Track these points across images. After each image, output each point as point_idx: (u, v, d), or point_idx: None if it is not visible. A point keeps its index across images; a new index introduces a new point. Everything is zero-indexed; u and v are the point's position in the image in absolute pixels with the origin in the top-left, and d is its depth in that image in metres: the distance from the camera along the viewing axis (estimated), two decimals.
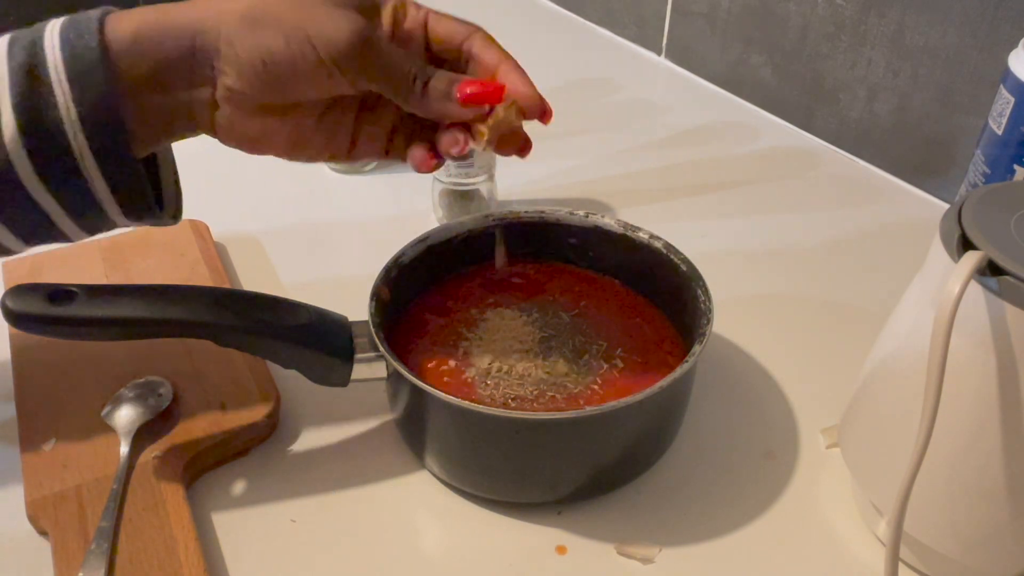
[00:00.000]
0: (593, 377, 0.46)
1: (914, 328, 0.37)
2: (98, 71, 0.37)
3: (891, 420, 0.39)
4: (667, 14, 0.93)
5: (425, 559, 0.43)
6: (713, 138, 0.81)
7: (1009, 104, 0.50)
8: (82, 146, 0.37)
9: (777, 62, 0.81)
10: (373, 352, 0.44)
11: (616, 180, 0.74)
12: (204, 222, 0.65)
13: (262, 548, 0.43)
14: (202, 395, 0.49)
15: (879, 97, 0.72)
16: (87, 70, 0.37)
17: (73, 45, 0.37)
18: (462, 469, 0.45)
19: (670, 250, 0.50)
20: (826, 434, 0.49)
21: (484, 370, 0.46)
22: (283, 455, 0.48)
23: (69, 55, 0.37)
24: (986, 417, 0.34)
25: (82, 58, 0.37)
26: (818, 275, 0.63)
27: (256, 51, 0.37)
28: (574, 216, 0.53)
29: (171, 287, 0.43)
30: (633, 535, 0.43)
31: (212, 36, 0.38)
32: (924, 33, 0.67)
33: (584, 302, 0.52)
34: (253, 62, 0.38)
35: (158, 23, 0.38)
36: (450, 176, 0.64)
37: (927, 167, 0.71)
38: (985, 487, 0.36)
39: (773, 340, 0.56)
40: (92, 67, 0.37)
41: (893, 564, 0.36)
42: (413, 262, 0.50)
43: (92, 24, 0.37)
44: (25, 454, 0.46)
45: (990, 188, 0.37)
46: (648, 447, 0.46)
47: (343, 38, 0.38)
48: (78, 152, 0.37)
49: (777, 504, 0.45)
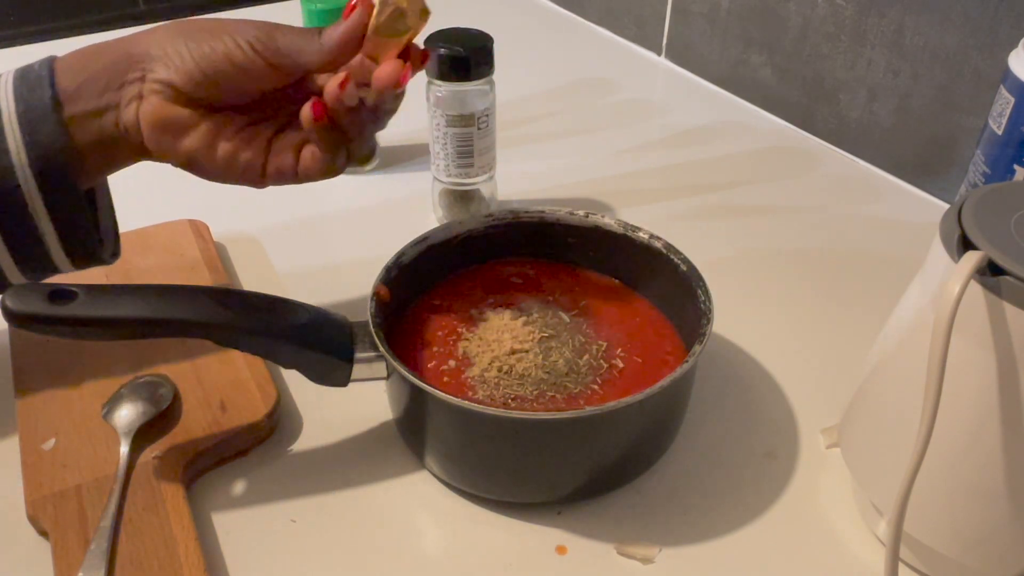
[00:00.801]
0: (593, 377, 0.46)
1: (914, 328, 0.37)
2: (49, 119, 0.42)
3: (891, 420, 0.39)
4: (667, 14, 0.93)
5: (425, 559, 0.43)
6: (713, 138, 0.81)
7: (1009, 104, 0.50)
8: (31, 187, 0.42)
9: (777, 62, 0.81)
10: (373, 352, 0.44)
11: (616, 180, 0.74)
12: (204, 222, 0.65)
13: (262, 548, 0.43)
14: (202, 395, 0.49)
15: (879, 97, 0.72)
16: (38, 118, 0.42)
17: (26, 99, 0.42)
18: (462, 469, 0.45)
19: (670, 250, 0.50)
20: (826, 434, 0.49)
21: (484, 370, 0.46)
22: (283, 455, 0.48)
23: (23, 108, 0.42)
24: (986, 417, 0.34)
25: (34, 109, 0.42)
26: (818, 275, 0.63)
27: (190, 52, 0.43)
28: (574, 216, 0.53)
29: (171, 287, 0.43)
30: (633, 535, 0.43)
31: (145, 44, 0.43)
32: (924, 33, 0.67)
33: (584, 302, 0.52)
34: (188, 64, 0.42)
35: (96, 45, 0.44)
36: (450, 176, 0.64)
37: (927, 167, 0.71)
38: (985, 487, 0.36)
39: (773, 340, 0.56)
40: (43, 116, 0.42)
41: (893, 564, 0.36)
42: (413, 262, 0.50)
43: (43, 75, 0.43)
44: (25, 454, 0.46)
45: (990, 188, 0.37)
46: (648, 447, 0.46)
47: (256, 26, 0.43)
48: (27, 192, 0.42)
49: (777, 504, 0.45)
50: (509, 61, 0.72)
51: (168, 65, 0.42)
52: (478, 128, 0.62)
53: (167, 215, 0.65)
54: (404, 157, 0.77)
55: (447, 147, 0.63)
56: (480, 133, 0.62)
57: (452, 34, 0.60)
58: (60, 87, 0.42)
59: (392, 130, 0.78)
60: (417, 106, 0.66)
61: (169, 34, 0.43)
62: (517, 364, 0.46)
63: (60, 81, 0.43)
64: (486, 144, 0.63)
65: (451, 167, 0.64)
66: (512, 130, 0.80)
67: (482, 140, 0.63)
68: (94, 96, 0.43)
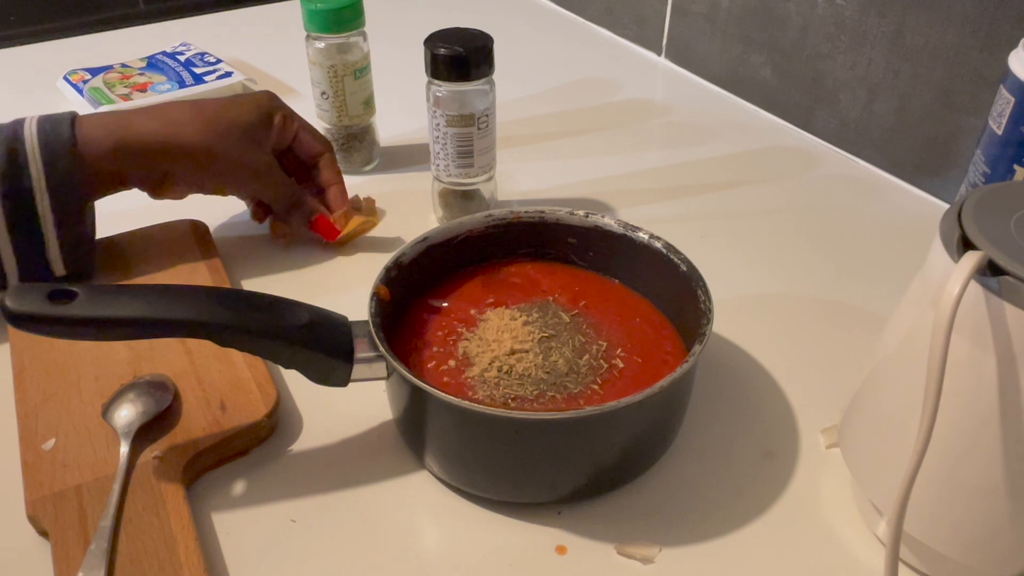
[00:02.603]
0: (593, 377, 0.46)
1: (914, 328, 0.37)
2: (65, 157, 0.53)
3: (891, 420, 0.39)
4: (667, 14, 0.93)
5: (425, 559, 0.43)
6: (713, 138, 0.81)
7: (1009, 104, 0.50)
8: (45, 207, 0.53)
9: (777, 62, 0.81)
10: (373, 352, 0.44)
11: (616, 180, 0.74)
12: (204, 222, 0.65)
13: (262, 548, 0.43)
14: (202, 395, 0.49)
15: (879, 97, 0.72)
16: (57, 154, 0.53)
17: (48, 135, 0.53)
18: (462, 469, 0.45)
19: (670, 250, 0.50)
20: (826, 434, 0.49)
21: (484, 370, 0.46)
22: (283, 455, 0.48)
23: (43, 142, 0.53)
24: (986, 417, 0.34)
25: (53, 146, 0.53)
26: (818, 275, 0.63)
27: (200, 180, 0.60)
28: (574, 216, 0.53)
29: (171, 287, 0.43)
30: (633, 535, 0.43)
31: (169, 164, 0.57)
32: (924, 33, 0.67)
33: (584, 302, 0.52)
34: (192, 185, 0.61)
35: (131, 145, 0.56)
36: (450, 176, 0.64)
37: (927, 167, 0.71)
38: (985, 487, 0.36)
39: (773, 340, 0.56)
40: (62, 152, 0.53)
41: (893, 564, 0.36)
42: (413, 262, 0.50)
43: (65, 124, 0.54)
44: (25, 454, 0.46)
45: (990, 188, 0.37)
46: (648, 447, 0.46)
47: (259, 171, 0.60)
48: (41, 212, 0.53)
49: (777, 504, 0.45)
50: (509, 61, 0.72)
51: (178, 186, 0.59)
52: (478, 128, 0.62)
53: (167, 215, 0.65)
54: (404, 157, 0.77)
55: (447, 147, 0.63)
56: (480, 133, 0.62)
57: (452, 34, 0.60)
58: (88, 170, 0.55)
59: (392, 130, 0.79)
60: (417, 106, 0.67)
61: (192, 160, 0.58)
62: (517, 364, 0.46)
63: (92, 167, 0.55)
64: (486, 144, 0.63)
65: (451, 167, 0.64)
66: (512, 130, 0.80)
67: (482, 140, 0.63)
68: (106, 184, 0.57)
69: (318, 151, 0.64)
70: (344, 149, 0.73)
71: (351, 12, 0.68)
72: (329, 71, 0.69)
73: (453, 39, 0.59)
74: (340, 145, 0.73)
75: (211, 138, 0.57)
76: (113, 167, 0.55)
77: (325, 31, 0.68)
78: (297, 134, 0.63)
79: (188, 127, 0.57)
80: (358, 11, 0.68)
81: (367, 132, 0.74)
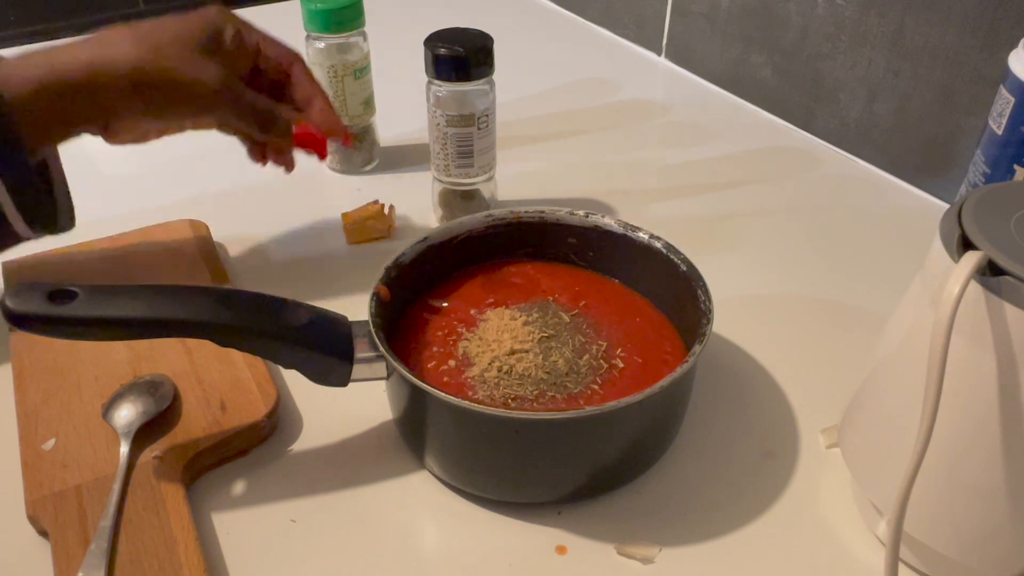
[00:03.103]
0: (593, 377, 0.46)
1: (914, 328, 0.37)
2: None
3: (891, 420, 0.39)
4: (667, 14, 0.93)
5: (425, 559, 0.43)
6: (713, 138, 0.81)
7: (1009, 104, 0.50)
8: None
9: (777, 62, 0.81)
10: (373, 352, 0.44)
11: (616, 180, 0.74)
12: (204, 222, 0.65)
13: (262, 548, 0.43)
14: (202, 395, 0.49)
15: (879, 97, 0.72)
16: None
17: None
18: (462, 469, 0.45)
19: (670, 250, 0.50)
20: (826, 434, 0.49)
21: (484, 370, 0.46)
22: (283, 455, 0.48)
23: None
24: (986, 417, 0.34)
25: None
26: (818, 275, 0.63)
27: (143, 106, 0.50)
28: (574, 216, 0.53)
29: (171, 287, 0.43)
30: (633, 535, 0.43)
31: (104, 95, 0.48)
32: (924, 33, 0.67)
33: (584, 302, 0.52)
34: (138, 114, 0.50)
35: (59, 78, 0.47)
36: (450, 176, 0.64)
37: (927, 167, 0.71)
38: (985, 487, 0.36)
39: (773, 340, 0.56)
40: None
41: (893, 564, 0.36)
42: (413, 262, 0.50)
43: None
44: (25, 454, 0.46)
45: (990, 188, 0.37)
46: (648, 447, 0.46)
47: (212, 88, 0.51)
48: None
49: (777, 504, 0.45)
50: (509, 61, 0.72)
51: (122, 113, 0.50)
52: (478, 128, 0.62)
53: (167, 215, 0.65)
54: (404, 157, 0.77)
55: (447, 147, 0.63)
56: (480, 133, 0.62)
57: (452, 34, 0.60)
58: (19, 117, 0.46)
59: (392, 130, 0.79)
60: (417, 106, 0.67)
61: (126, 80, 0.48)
62: (517, 364, 0.46)
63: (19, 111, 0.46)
64: (486, 144, 0.63)
65: (451, 167, 0.64)
66: (512, 130, 0.80)
67: (482, 140, 0.63)
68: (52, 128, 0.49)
69: (287, 61, 0.56)
70: (344, 149, 0.73)
71: (351, 12, 0.68)
72: (329, 71, 0.69)
73: (453, 39, 0.59)
74: (340, 145, 0.73)
75: (145, 53, 0.49)
76: (46, 106, 0.47)
77: (325, 31, 0.68)
78: (258, 46, 0.55)
79: (117, 47, 0.49)
80: (358, 11, 0.68)
81: (367, 132, 0.74)
